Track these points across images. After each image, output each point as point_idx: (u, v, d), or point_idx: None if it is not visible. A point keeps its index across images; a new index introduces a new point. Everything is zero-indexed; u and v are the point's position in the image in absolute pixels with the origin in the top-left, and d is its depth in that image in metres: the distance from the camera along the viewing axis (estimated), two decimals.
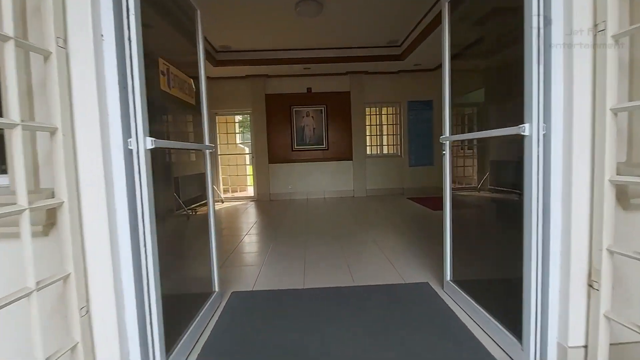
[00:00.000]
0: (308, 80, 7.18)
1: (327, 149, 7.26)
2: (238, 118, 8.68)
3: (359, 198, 7.11)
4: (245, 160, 8.34)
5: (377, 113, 7.48)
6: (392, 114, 7.49)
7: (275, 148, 7.24)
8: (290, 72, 6.94)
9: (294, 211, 5.97)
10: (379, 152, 7.53)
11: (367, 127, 7.39)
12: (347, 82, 7.21)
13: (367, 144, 7.45)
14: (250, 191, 7.51)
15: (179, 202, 2.00)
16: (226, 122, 7.86)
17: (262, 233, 4.49)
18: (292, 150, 7.24)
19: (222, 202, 7.15)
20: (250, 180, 8.14)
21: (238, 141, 9.35)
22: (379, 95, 7.28)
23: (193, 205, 2.25)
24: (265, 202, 7.09)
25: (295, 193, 7.34)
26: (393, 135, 7.51)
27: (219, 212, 6.09)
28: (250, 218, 5.53)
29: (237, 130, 9.17)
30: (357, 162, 7.24)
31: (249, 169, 7.78)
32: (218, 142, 7.43)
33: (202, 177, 2.34)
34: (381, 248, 3.46)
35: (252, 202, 7.15)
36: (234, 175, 8.27)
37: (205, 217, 2.33)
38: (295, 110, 7.18)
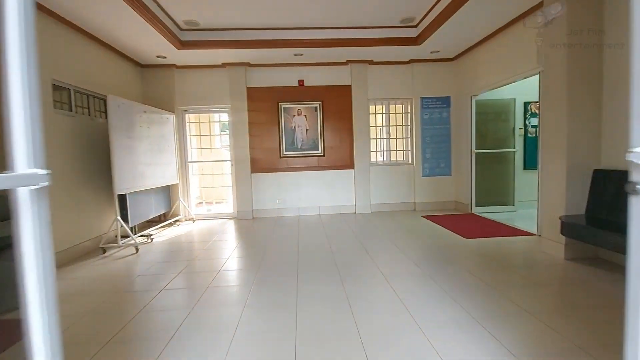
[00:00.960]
0: (300, 70, 5.85)
1: (323, 156, 5.94)
2: (222, 117, 7.30)
3: (362, 215, 5.80)
4: (225, 168, 6.95)
5: (385, 112, 6.19)
6: (402, 112, 6.21)
7: (260, 154, 5.89)
8: (277, 60, 5.60)
9: (283, 234, 4.64)
10: (386, 159, 6.24)
11: (372, 128, 6.10)
12: (347, 74, 5.91)
13: (372, 149, 6.16)
14: (231, 206, 6.12)
15: None
16: (199, 122, 6.47)
17: (239, 272, 3.16)
18: (281, 157, 5.90)
19: (194, 222, 5.76)
20: (231, 192, 6.76)
21: (219, 145, 7.97)
22: (386, 90, 5.99)
23: None
24: (247, 220, 5.72)
25: (285, 209, 5.99)
26: (403, 138, 6.23)
27: (186, 236, 4.72)
28: (225, 246, 4.17)
29: (217, 132, 7.78)
30: (359, 172, 5.94)
31: (230, 179, 6.41)
32: (189, 146, 6.04)
33: None
34: (407, 306, 2.18)
35: (232, 220, 5.78)
36: (210, 187, 6.90)
37: None
38: (284, 108, 5.85)
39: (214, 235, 4.81)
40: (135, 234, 4.44)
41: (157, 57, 5.19)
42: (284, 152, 5.89)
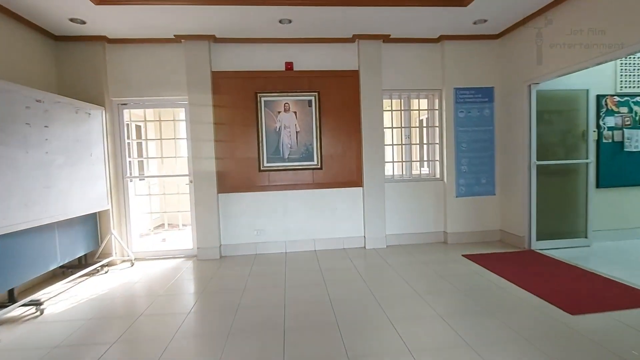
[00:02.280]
0: (287, 48, 4.17)
1: (320, 168, 4.23)
2: (179, 115, 5.53)
3: (374, 252, 4.11)
4: (182, 185, 5.19)
5: (404, 108, 4.53)
6: (428, 109, 4.56)
7: (231, 166, 4.15)
8: (255, 32, 3.91)
9: (262, 282, 2.98)
10: (406, 173, 4.57)
11: (387, 131, 4.43)
12: (354, 54, 4.25)
13: (388, 160, 4.48)
14: (189, 240, 4.35)
15: None
16: (159, 120, 4.72)
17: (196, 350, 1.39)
18: (261, 171, 4.17)
19: (132, 264, 3.98)
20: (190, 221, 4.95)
21: (178, 153, 6.19)
22: (407, 78, 4.34)
23: None
24: (212, 262, 3.97)
25: (266, 244, 4.25)
26: (429, 144, 4.57)
27: (112, 294, 2.94)
28: (174, 306, 2.40)
29: (174, 135, 6.00)
30: (370, 190, 4.25)
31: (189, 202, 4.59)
32: (132, 154, 4.28)
33: None
34: None
35: (191, 261, 4.03)
36: (162, 213, 5.10)
37: None
38: (265, 102, 4.14)
39: (162, 289, 3.07)
40: (13, 303, 2.66)
41: (71, 20, 3.44)
42: (265, 164, 4.16)
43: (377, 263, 3.70)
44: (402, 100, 4.50)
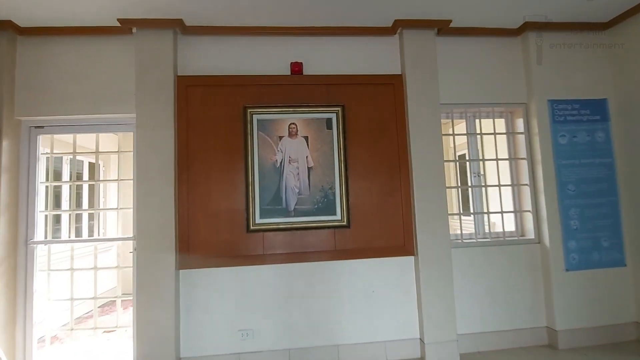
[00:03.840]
0: (294, 43, 2.76)
1: (347, 226, 2.60)
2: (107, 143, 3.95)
3: None
4: (124, 255, 3.50)
5: (469, 132, 2.99)
6: (509, 132, 3.02)
7: (201, 224, 2.53)
8: (245, 18, 2.52)
9: None
10: (480, 232, 2.91)
11: (447, 164, 2.86)
12: (394, 51, 2.82)
13: (452, 212, 2.88)
14: (128, 351, 2.59)
15: None
16: (73, 153, 3.20)
17: None
18: (250, 231, 2.54)
19: None
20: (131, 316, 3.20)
21: (124, 203, 4.59)
22: (473, 87, 2.87)
23: None
24: None
25: (258, 356, 2.52)
26: (513, 186, 2.97)
27: None
28: None
29: (117, 174, 4.43)
30: (429, 261, 2.58)
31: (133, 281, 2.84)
32: (35, 206, 2.71)
33: None
34: None
35: None
36: (90, 300, 3.41)
37: None
38: (259, 121, 2.62)
39: None
40: None
41: None
42: (257, 220, 2.55)
43: None
44: (467, 120, 2.99)
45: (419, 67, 2.73)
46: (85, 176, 4.56)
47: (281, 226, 2.55)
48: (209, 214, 2.54)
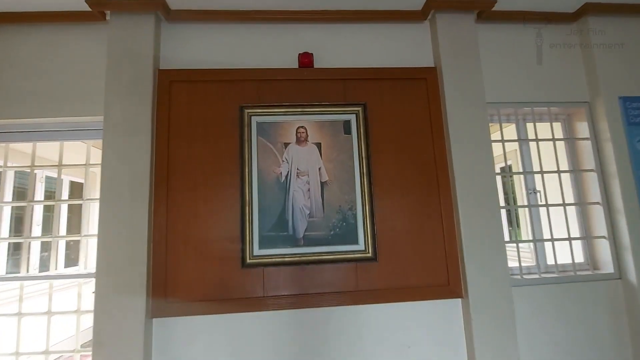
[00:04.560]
0: (303, 31, 2.26)
1: (373, 258, 1.98)
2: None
3: None
4: (85, 296, 2.89)
5: (520, 137, 2.40)
6: (565, 138, 2.43)
7: (182, 257, 1.94)
8: (243, 1, 2.04)
9: None
10: (543, 263, 2.27)
11: (499, 178, 2.26)
12: (425, 41, 2.31)
13: (510, 239, 2.26)
14: None
15: None
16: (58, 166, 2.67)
17: None
18: (246, 266, 1.94)
19: None
20: None
21: (87, 230, 4.01)
22: (521, 84, 2.32)
23: None
24: None
25: None
26: (581, 205, 2.35)
27: None
28: None
29: (83, 193, 3.87)
30: (482, 304, 1.94)
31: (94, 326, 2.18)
32: None
33: None
34: None
35: None
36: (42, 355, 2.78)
37: None
38: (259, 124, 2.08)
39: None
40: None
41: None
42: (256, 252, 1.95)
43: None
44: (517, 123, 2.42)
45: (457, 58, 2.20)
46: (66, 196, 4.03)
47: (287, 259, 1.94)
48: (193, 243, 1.95)
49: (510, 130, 2.49)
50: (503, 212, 2.38)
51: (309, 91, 2.15)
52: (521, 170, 2.40)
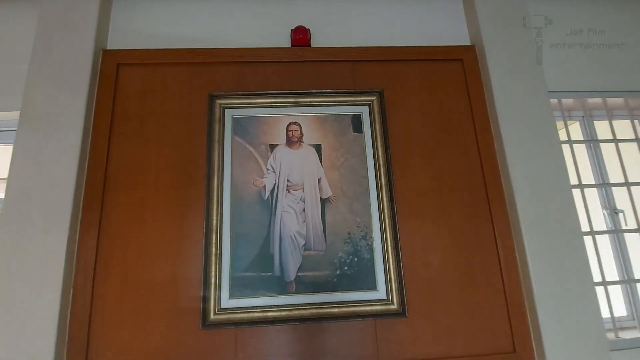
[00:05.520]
0: (295, 2, 1.73)
1: (402, 312, 1.33)
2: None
3: None
4: None
5: (592, 139, 1.79)
6: None
7: (115, 309, 1.31)
8: None
9: None
10: (636, 313, 1.59)
11: (578, 191, 1.63)
12: (458, 14, 1.77)
13: (599, 280, 1.56)
14: None
15: None
16: None
17: None
18: (207, 325, 1.30)
19: None
20: None
21: None
22: (587, 70, 1.74)
23: None
24: None
25: None
26: None
27: None
28: None
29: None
30: None
31: None
32: None
33: None
34: None
35: None
36: None
37: None
38: (235, 119, 1.51)
39: None
40: None
41: None
42: (225, 302, 1.31)
43: None
44: (586, 123, 1.82)
45: (504, 34, 1.64)
46: None
47: (271, 314, 1.30)
48: (133, 288, 1.32)
49: (573, 129, 1.88)
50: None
51: (305, 76, 1.59)
52: (593, 182, 1.77)
